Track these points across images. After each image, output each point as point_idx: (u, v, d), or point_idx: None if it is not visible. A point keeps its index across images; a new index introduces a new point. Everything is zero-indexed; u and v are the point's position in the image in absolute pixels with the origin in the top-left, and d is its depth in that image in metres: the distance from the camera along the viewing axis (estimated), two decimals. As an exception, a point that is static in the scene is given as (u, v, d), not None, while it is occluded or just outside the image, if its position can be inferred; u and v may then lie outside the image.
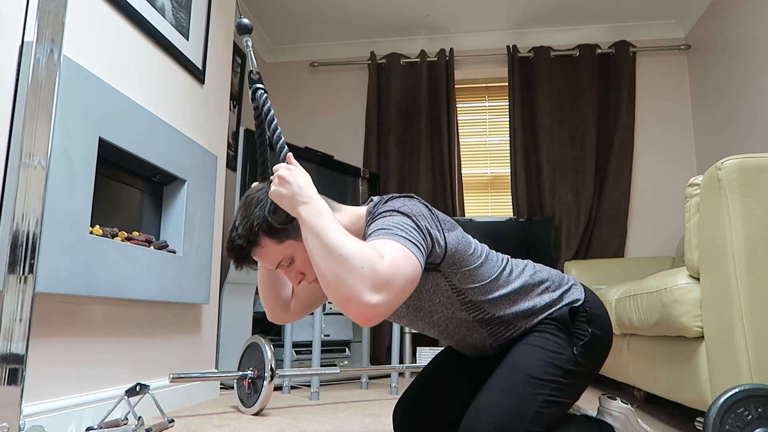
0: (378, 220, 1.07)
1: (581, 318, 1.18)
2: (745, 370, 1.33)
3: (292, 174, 1.07)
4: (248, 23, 1.27)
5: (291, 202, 1.05)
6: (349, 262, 0.92)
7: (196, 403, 2.34)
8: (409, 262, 0.97)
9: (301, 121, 4.22)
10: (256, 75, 1.27)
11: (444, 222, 1.15)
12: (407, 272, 0.96)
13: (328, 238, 0.96)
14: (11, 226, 0.97)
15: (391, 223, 1.04)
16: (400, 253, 0.97)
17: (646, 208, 3.76)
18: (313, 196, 1.04)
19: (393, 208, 1.09)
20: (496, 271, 1.18)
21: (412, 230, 1.04)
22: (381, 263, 0.93)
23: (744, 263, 1.36)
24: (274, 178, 1.09)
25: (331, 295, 0.95)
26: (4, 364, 0.95)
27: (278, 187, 1.07)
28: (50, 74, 1.02)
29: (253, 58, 1.27)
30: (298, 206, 1.03)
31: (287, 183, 1.06)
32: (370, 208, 1.18)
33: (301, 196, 1.04)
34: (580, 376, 1.16)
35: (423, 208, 1.12)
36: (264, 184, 1.20)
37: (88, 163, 1.67)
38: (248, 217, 1.15)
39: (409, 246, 0.99)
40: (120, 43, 1.93)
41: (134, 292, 1.87)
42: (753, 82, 3.03)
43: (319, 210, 1.02)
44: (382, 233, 1.02)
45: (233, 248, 1.16)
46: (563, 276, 1.27)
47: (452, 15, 3.84)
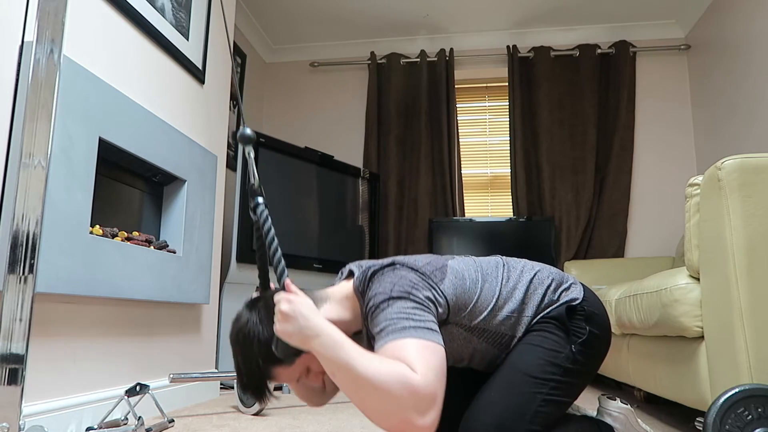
0: (378, 315, 1.04)
1: (579, 316, 1.18)
2: (745, 370, 1.33)
3: (295, 307, 1.02)
4: (251, 134, 1.21)
5: (300, 337, 1.01)
6: (386, 393, 0.90)
7: (196, 403, 2.34)
8: (434, 354, 0.96)
9: (301, 121, 4.22)
10: (257, 188, 1.21)
11: (434, 274, 1.12)
12: (438, 368, 0.95)
13: (356, 371, 0.94)
14: (11, 226, 0.97)
15: (393, 315, 1.01)
16: (421, 350, 0.95)
17: (646, 208, 3.76)
18: (322, 325, 1.00)
19: (386, 295, 1.05)
20: (497, 286, 1.17)
21: (416, 312, 1.02)
22: (416, 381, 0.91)
23: (744, 263, 1.36)
24: (276, 313, 1.04)
25: (380, 426, 0.94)
26: (4, 364, 0.95)
27: (284, 325, 1.02)
28: (50, 74, 1.02)
29: (255, 169, 1.21)
30: (310, 341, 1.00)
31: (291, 318, 1.01)
32: (357, 286, 1.13)
33: (309, 329, 1.00)
34: (579, 374, 1.16)
35: (411, 275, 1.09)
36: (249, 313, 1.12)
37: (88, 163, 1.67)
38: (250, 357, 1.09)
39: (424, 335, 0.98)
40: (120, 43, 1.93)
41: (134, 292, 1.87)
42: (753, 82, 3.03)
43: (334, 340, 0.98)
44: (392, 333, 0.99)
45: (249, 390, 1.12)
46: (563, 275, 1.27)
47: (452, 15, 3.84)
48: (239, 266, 2.88)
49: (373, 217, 3.75)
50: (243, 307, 1.16)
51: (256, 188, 1.21)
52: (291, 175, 3.22)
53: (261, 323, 1.09)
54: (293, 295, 1.05)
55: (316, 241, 3.32)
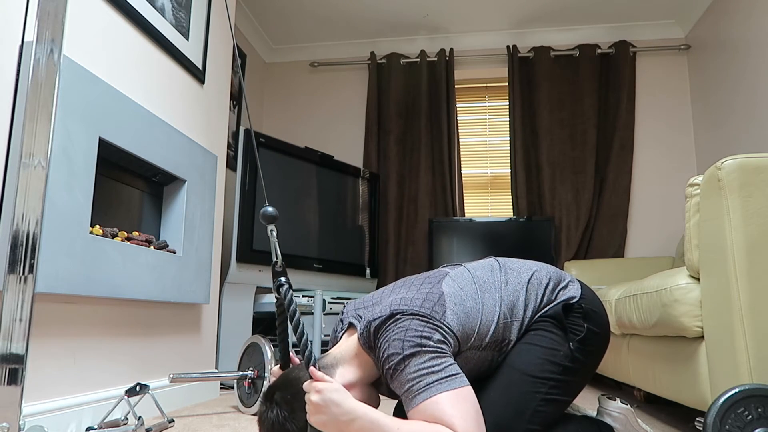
0: (398, 377, 1.04)
1: (576, 314, 1.18)
2: (745, 370, 1.33)
3: (324, 397, 1.01)
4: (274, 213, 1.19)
5: (337, 425, 1.01)
6: None
7: (196, 403, 2.34)
8: (466, 402, 0.98)
9: (301, 121, 4.22)
10: (280, 267, 1.20)
11: (435, 311, 1.09)
12: (475, 414, 0.97)
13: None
14: (11, 226, 0.97)
15: (414, 373, 1.01)
16: (456, 402, 0.97)
17: (646, 208, 3.76)
18: (356, 408, 1.01)
19: (400, 356, 1.04)
20: (497, 296, 1.17)
21: (434, 363, 1.02)
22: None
23: (744, 263, 1.36)
24: (307, 405, 1.03)
25: None
26: (4, 364, 0.95)
27: (318, 417, 1.01)
28: (50, 74, 1.02)
29: (278, 249, 1.20)
30: (347, 427, 1.00)
31: (324, 407, 1.01)
32: (363, 343, 1.12)
33: (344, 415, 1.00)
34: (578, 373, 1.16)
35: (415, 323, 1.07)
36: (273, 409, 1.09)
37: (88, 163, 1.67)
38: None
39: (450, 385, 0.99)
40: (120, 43, 1.93)
41: (134, 292, 1.87)
42: (753, 82, 3.03)
43: (371, 420, 0.99)
44: (419, 393, 1.00)
45: None
46: (561, 273, 1.27)
47: (452, 15, 3.84)
48: (239, 266, 2.88)
49: (373, 217, 3.75)
50: (262, 401, 1.13)
51: (279, 268, 1.19)
52: (291, 175, 3.22)
53: (287, 420, 1.07)
54: (321, 383, 1.03)
55: (316, 241, 3.32)
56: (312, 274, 3.28)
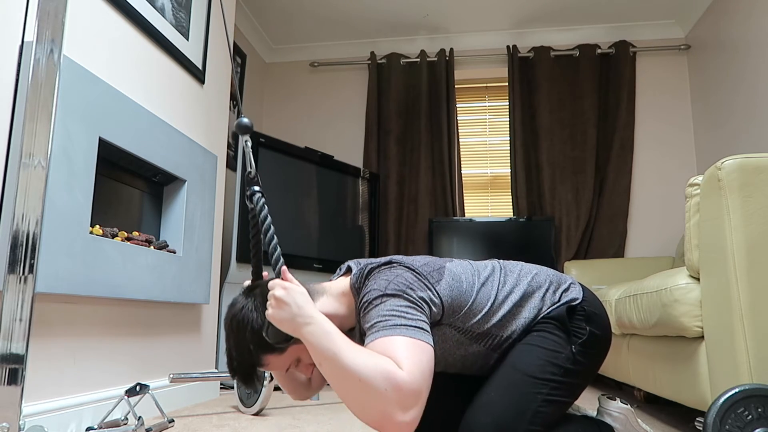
0: (371, 311, 1.04)
1: (579, 317, 1.18)
2: (745, 370, 1.33)
3: (289, 294, 1.03)
4: (249, 123, 1.22)
5: (292, 324, 1.02)
6: (370, 386, 0.91)
7: (196, 403, 2.34)
8: (422, 353, 0.96)
9: (301, 121, 4.22)
10: (254, 177, 1.22)
11: (431, 275, 1.12)
12: (425, 367, 0.95)
13: (342, 362, 0.94)
14: (11, 226, 0.97)
15: (386, 312, 1.02)
16: (410, 348, 0.96)
17: (646, 208, 3.76)
18: (314, 314, 1.02)
19: (380, 292, 1.05)
20: (493, 292, 1.17)
21: (408, 310, 1.02)
22: (401, 377, 0.91)
23: (744, 263, 1.36)
24: (269, 298, 1.05)
25: (362, 419, 0.94)
26: (4, 364, 0.95)
27: (276, 311, 1.03)
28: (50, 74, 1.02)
29: (252, 158, 1.22)
30: (301, 328, 1.01)
31: (285, 304, 1.02)
32: (353, 282, 1.14)
33: (301, 317, 1.01)
34: (579, 375, 1.16)
35: (407, 274, 1.09)
36: (245, 300, 1.14)
37: (88, 163, 1.67)
38: (242, 342, 1.11)
39: (414, 333, 0.98)
40: (120, 43, 1.93)
41: (134, 292, 1.87)
42: (753, 82, 3.03)
43: (325, 330, 0.99)
44: (381, 328, 0.99)
45: (238, 375, 1.13)
46: (561, 275, 1.27)
47: (452, 15, 3.84)
48: (239, 266, 2.88)
49: (373, 217, 3.75)
50: (239, 294, 1.17)
51: (252, 177, 1.22)
52: (291, 175, 3.22)
53: (256, 310, 1.11)
54: (289, 283, 1.06)
55: (316, 241, 3.32)
56: (312, 274, 3.28)
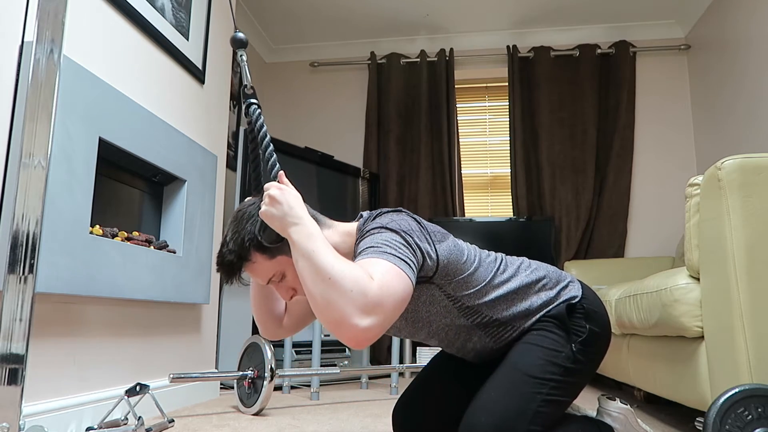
0: (366, 237, 1.07)
1: (579, 315, 1.18)
2: (745, 370, 1.33)
3: (283, 194, 1.06)
4: (243, 37, 1.26)
5: (281, 222, 1.04)
6: (338, 285, 0.92)
7: (196, 403, 2.34)
8: (399, 280, 0.97)
9: (301, 121, 4.22)
10: (250, 90, 1.26)
11: (434, 233, 1.15)
12: (397, 291, 0.95)
13: (317, 260, 0.96)
14: (11, 226, 0.97)
15: (379, 240, 1.04)
16: (389, 271, 0.96)
17: (646, 208, 3.76)
18: (303, 216, 1.04)
19: (381, 224, 1.08)
20: (490, 274, 1.18)
21: (401, 246, 1.03)
22: (370, 285, 0.92)
23: (744, 263, 1.36)
24: (264, 197, 1.08)
25: (322, 319, 0.95)
26: (4, 364, 0.95)
27: (269, 207, 1.06)
28: (50, 74, 1.02)
29: (248, 72, 1.26)
30: (288, 227, 1.03)
31: (278, 203, 1.05)
32: (360, 225, 1.17)
33: (291, 216, 1.03)
34: (579, 374, 1.16)
35: (412, 222, 1.11)
36: (256, 199, 1.18)
37: (88, 163, 1.67)
38: (239, 232, 1.14)
39: (398, 263, 0.99)
40: (120, 43, 1.93)
41: (134, 292, 1.87)
42: (753, 82, 3.03)
43: (310, 232, 1.01)
44: (371, 251, 1.01)
45: (224, 263, 1.15)
46: (561, 273, 1.27)
47: (452, 15, 3.84)
48: (239, 266, 2.88)
49: (373, 217, 3.74)
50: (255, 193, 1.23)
51: (249, 90, 1.25)
52: (291, 175, 3.22)
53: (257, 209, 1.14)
54: (285, 186, 1.10)
55: (316, 241, 3.32)
56: (312, 274, 3.27)
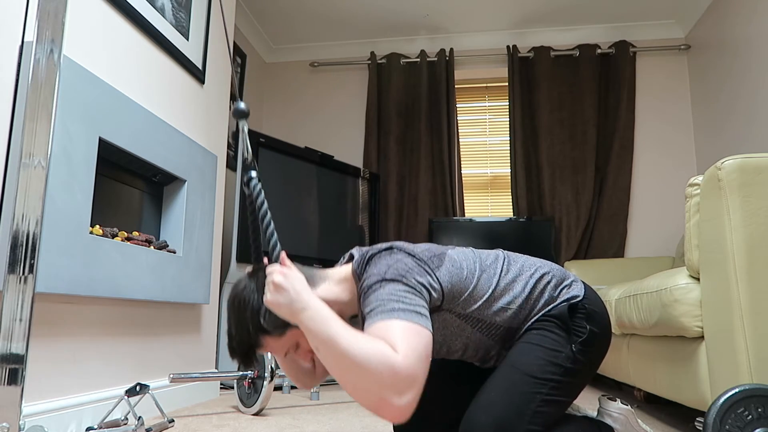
0: (370, 296, 1.05)
1: (580, 315, 1.18)
2: (745, 370, 1.33)
3: (288, 280, 1.04)
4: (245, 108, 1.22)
5: (290, 309, 1.02)
6: (366, 370, 0.91)
7: (196, 403, 2.34)
8: (419, 337, 0.96)
9: (301, 121, 4.22)
10: (250, 162, 1.23)
11: (431, 260, 1.13)
12: (422, 352, 0.95)
13: (338, 346, 0.94)
14: (11, 226, 0.97)
15: (384, 296, 1.02)
16: (407, 332, 0.96)
17: (646, 208, 3.76)
18: (311, 300, 1.02)
19: (380, 277, 1.06)
20: (494, 281, 1.17)
21: (406, 295, 1.02)
22: (397, 361, 0.91)
23: (744, 263, 1.36)
24: (267, 284, 1.06)
25: (358, 402, 0.95)
26: (4, 364, 0.95)
27: (275, 296, 1.04)
28: (50, 74, 1.02)
29: (248, 143, 1.23)
30: (298, 314, 1.01)
31: (283, 290, 1.03)
32: (355, 268, 1.15)
33: (299, 302, 1.01)
34: (579, 374, 1.16)
35: (407, 260, 1.10)
36: (248, 281, 1.15)
37: (88, 163, 1.67)
38: (242, 322, 1.12)
39: (411, 318, 0.98)
40: (120, 43, 1.93)
41: (134, 292, 1.87)
42: (753, 82, 3.03)
43: (322, 316, 0.99)
44: (380, 314, 1.00)
45: (237, 355, 1.14)
46: (564, 272, 1.26)
47: (452, 15, 3.84)
48: (239, 266, 2.88)
49: (373, 217, 3.75)
50: (245, 275, 1.18)
51: (249, 163, 1.24)
52: (291, 175, 3.22)
53: (257, 291, 1.12)
54: (287, 269, 1.07)
55: (316, 240, 3.32)
56: (312, 274, 3.27)
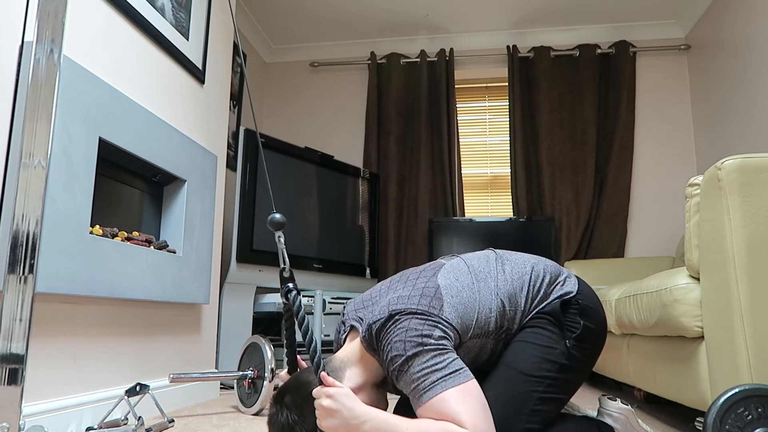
0: (402, 377, 1.05)
1: (573, 310, 1.18)
2: (745, 370, 1.33)
3: (336, 400, 1.03)
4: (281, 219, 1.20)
5: (348, 429, 1.02)
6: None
7: (196, 403, 2.34)
8: (471, 396, 0.99)
9: (301, 121, 4.22)
10: (288, 273, 1.22)
11: (432, 306, 1.10)
12: (480, 407, 0.98)
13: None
14: (11, 226, 0.97)
15: (418, 374, 1.02)
16: (461, 398, 0.98)
17: (646, 208, 3.76)
18: (367, 411, 1.03)
19: (403, 356, 1.04)
20: (492, 285, 1.17)
21: (436, 360, 1.03)
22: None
23: (744, 263, 1.36)
24: (318, 408, 1.05)
25: None
26: (4, 364, 0.95)
27: (329, 420, 1.03)
28: (50, 74, 1.02)
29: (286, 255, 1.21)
30: (358, 429, 1.02)
31: (335, 412, 1.03)
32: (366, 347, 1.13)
33: (356, 419, 1.02)
34: (575, 370, 1.16)
35: (415, 322, 1.07)
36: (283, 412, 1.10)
37: (88, 163, 1.67)
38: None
39: (455, 381, 1.00)
40: (120, 43, 1.93)
41: (134, 292, 1.87)
42: (753, 82, 3.03)
43: (381, 420, 1.01)
44: (425, 392, 1.01)
45: None
46: (559, 268, 1.26)
47: (452, 15, 3.84)
48: (239, 266, 2.88)
49: (373, 217, 3.75)
50: (272, 404, 1.14)
51: (286, 274, 1.21)
52: (291, 175, 3.22)
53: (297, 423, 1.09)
54: (332, 389, 1.05)
55: (316, 241, 3.32)
56: (312, 274, 3.27)
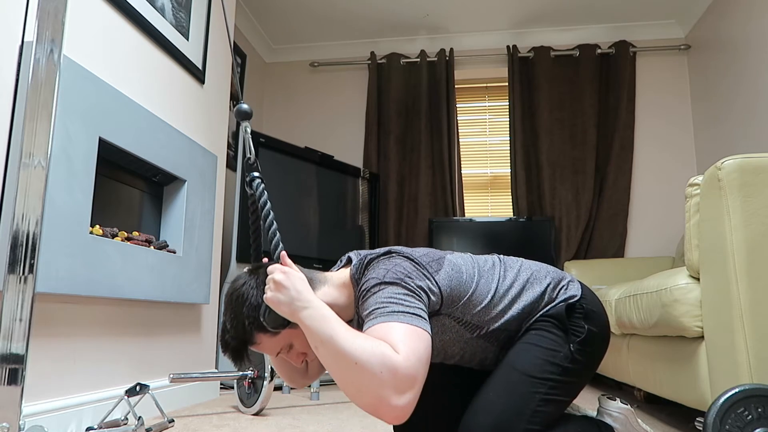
0: (369, 298, 1.05)
1: (578, 315, 1.18)
2: (745, 370, 1.33)
3: (289, 278, 1.05)
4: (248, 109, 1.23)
5: (290, 308, 1.03)
6: (366, 369, 0.91)
7: (196, 403, 2.34)
8: (419, 340, 0.96)
9: (301, 121, 4.22)
10: (253, 162, 1.23)
11: (430, 265, 1.13)
12: (423, 353, 0.95)
13: (338, 345, 0.95)
14: (11, 226, 0.97)
15: (384, 299, 1.02)
16: (407, 334, 0.96)
17: (646, 208, 3.76)
18: (312, 299, 1.03)
19: (379, 280, 1.06)
20: (493, 283, 1.17)
21: (407, 298, 1.02)
22: (397, 360, 0.92)
23: (744, 263, 1.36)
24: (268, 281, 1.07)
25: (357, 403, 0.94)
26: (4, 364, 0.95)
27: (275, 293, 1.04)
28: (50, 74, 1.02)
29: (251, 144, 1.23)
30: (298, 312, 1.02)
31: (284, 288, 1.04)
32: (353, 273, 1.15)
33: (300, 301, 1.02)
34: (578, 373, 1.16)
35: (406, 264, 1.10)
36: (248, 277, 1.15)
37: (88, 163, 1.67)
38: (238, 317, 1.12)
39: (411, 320, 0.98)
40: (120, 43, 1.93)
41: (134, 292, 1.87)
42: (753, 82, 3.03)
43: (322, 314, 1.00)
44: (380, 316, 1.00)
45: (229, 350, 1.14)
46: (561, 273, 1.27)
47: (452, 15, 3.84)
48: (239, 266, 2.88)
49: (373, 217, 3.75)
50: (245, 271, 1.18)
51: (252, 163, 1.23)
52: (291, 175, 3.22)
53: (257, 288, 1.12)
54: (288, 268, 1.08)
55: (316, 240, 3.32)
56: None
